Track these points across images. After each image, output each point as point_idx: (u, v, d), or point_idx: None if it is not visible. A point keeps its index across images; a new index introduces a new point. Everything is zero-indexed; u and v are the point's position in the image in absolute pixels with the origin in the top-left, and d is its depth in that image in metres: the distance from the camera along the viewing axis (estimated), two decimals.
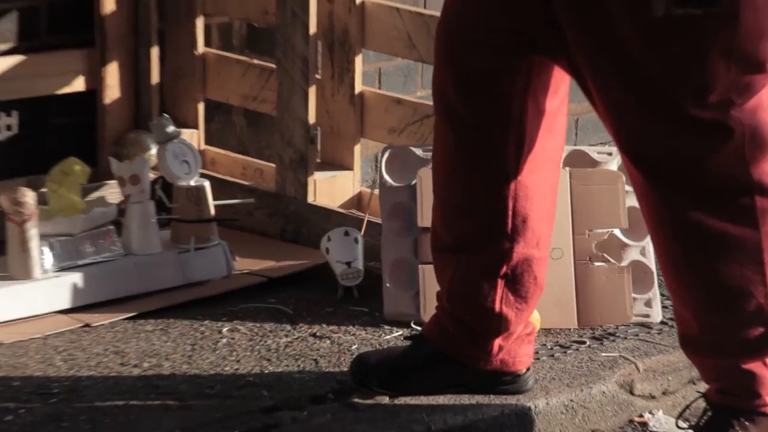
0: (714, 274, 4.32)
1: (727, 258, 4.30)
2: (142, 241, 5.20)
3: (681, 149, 4.22)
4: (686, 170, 4.25)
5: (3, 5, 5.45)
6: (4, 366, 4.71)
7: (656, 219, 4.36)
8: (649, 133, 4.24)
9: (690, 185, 4.27)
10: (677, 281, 4.41)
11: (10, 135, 5.55)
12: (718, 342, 4.40)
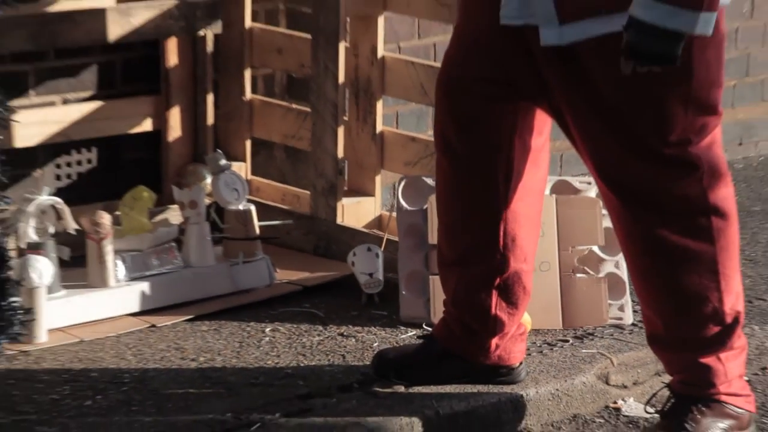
0: (677, 283, 4.35)
1: (687, 269, 4.33)
2: (199, 255, 5.23)
3: (649, 178, 4.26)
4: (654, 195, 4.29)
5: (85, 60, 5.49)
6: (84, 359, 4.74)
7: (628, 236, 4.40)
8: (622, 164, 4.27)
9: (657, 208, 4.30)
10: (646, 289, 4.44)
11: (90, 167, 5.57)
12: (680, 340, 4.42)
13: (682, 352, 4.46)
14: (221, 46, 5.73)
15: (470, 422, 4.57)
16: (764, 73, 6.86)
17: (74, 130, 5.48)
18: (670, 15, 3.98)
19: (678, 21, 3.98)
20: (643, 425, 4.65)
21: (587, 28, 4.19)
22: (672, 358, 4.52)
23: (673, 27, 3.98)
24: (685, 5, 3.97)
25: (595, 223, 5.09)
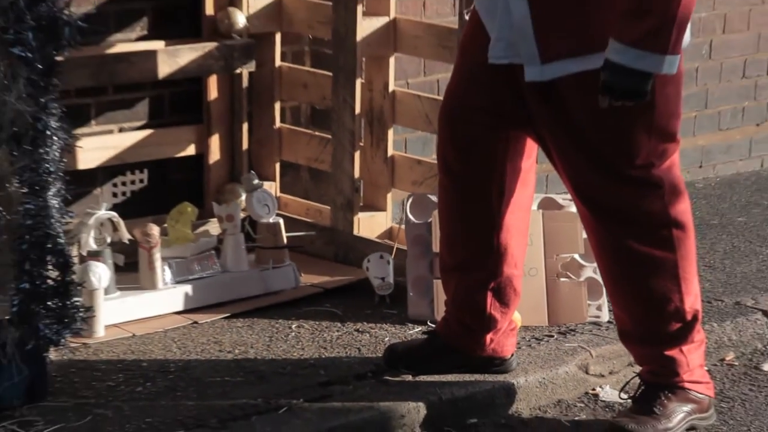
0: (643, 286, 4.37)
1: (652, 274, 4.35)
2: (235, 262, 5.23)
3: (618, 196, 4.29)
4: (622, 211, 4.31)
5: (138, 94, 5.50)
6: (136, 351, 4.76)
7: (600, 246, 4.43)
8: (595, 184, 4.30)
9: (625, 221, 4.33)
10: (616, 291, 4.46)
11: (142, 186, 5.58)
12: (647, 335, 4.44)
13: (650, 345, 4.48)
14: (255, 82, 5.71)
15: (468, 406, 4.56)
16: (720, 106, 6.85)
17: (128, 154, 5.49)
18: (640, 58, 4.03)
19: (646, 63, 4.03)
20: (617, 409, 4.65)
21: (564, 66, 4.22)
22: (641, 351, 4.53)
23: (642, 68, 4.03)
24: (652, 50, 4.02)
25: (576, 235, 5.07)
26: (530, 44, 4.22)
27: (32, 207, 4.14)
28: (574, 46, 4.21)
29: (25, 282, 4.17)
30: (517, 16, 4.23)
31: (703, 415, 4.52)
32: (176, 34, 5.53)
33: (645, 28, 4.03)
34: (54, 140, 4.14)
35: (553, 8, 4.20)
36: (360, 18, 5.39)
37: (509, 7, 4.24)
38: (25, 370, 4.25)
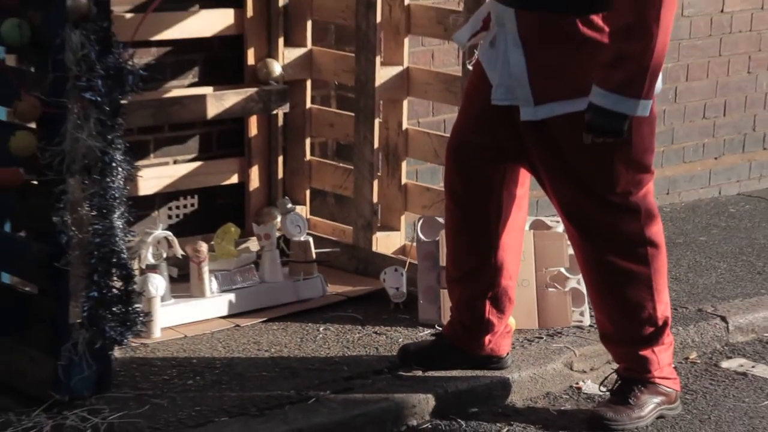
0: (622, 295, 4.38)
1: (630, 285, 4.37)
2: (271, 274, 5.21)
3: (601, 219, 4.31)
4: (604, 231, 4.33)
5: (190, 132, 5.50)
6: (187, 350, 4.75)
7: (585, 260, 4.44)
8: (581, 209, 4.33)
9: (607, 240, 4.35)
10: (598, 299, 4.47)
11: (193, 209, 5.57)
12: (624, 337, 4.45)
13: (626, 346, 4.48)
14: (289, 122, 5.71)
15: (470, 398, 4.56)
16: (684, 143, 6.84)
17: (181, 182, 5.48)
18: (618, 102, 4.05)
19: (623, 106, 4.05)
20: (597, 400, 4.63)
21: (554, 108, 4.24)
22: (618, 350, 4.53)
23: (620, 110, 4.06)
24: (628, 95, 4.04)
25: (562, 251, 5.06)
26: (525, 89, 4.25)
27: (100, 227, 4.14)
28: (562, 91, 4.23)
29: (94, 291, 4.17)
30: (514, 65, 4.26)
31: (670, 406, 4.52)
32: (222, 81, 5.53)
33: (622, 76, 4.05)
34: (119, 171, 4.15)
35: (545, 59, 4.23)
36: (378, 67, 5.39)
37: (508, 59, 4.27)
38: (93, 366, 4.25)
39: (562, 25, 4.19)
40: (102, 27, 4.06)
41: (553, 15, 4.18)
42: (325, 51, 5.67)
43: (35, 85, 4.09)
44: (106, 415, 4.15)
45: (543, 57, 4.23)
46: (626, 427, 4.41)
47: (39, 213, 4.17)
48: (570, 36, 4.18)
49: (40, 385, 4.24)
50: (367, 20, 5.35)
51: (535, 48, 4.23)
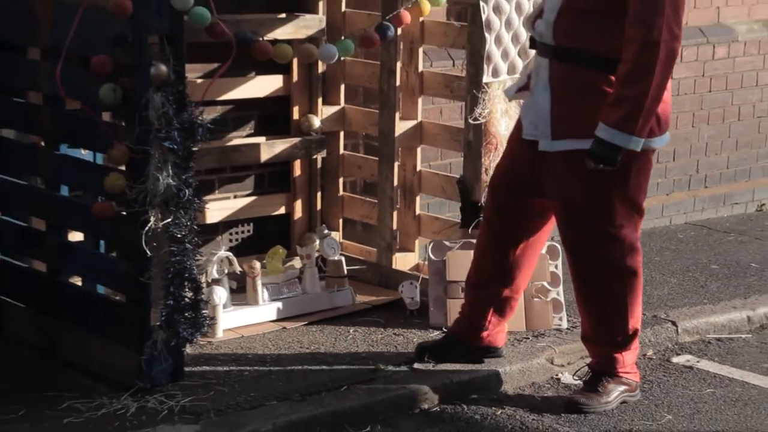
0: (602, 307, 4.44)
1: (609, 301, 4.40)
2: (311, 286, 5.19)
3: (593, 245, 4.31)
4: (595, 256, 4.35)
5: (247, 172, 5.51)
6: (244, 347, 4.74)
7: (576, 277, 4.47)
8: (580, 236, 4.34)
9: (595, 264, 4.36)
10: (583, 308, 4.50)
11: (249, 234, 5.57)
12: (601, 340, 4.48)
13: (601, 347, 4.50)
14: (325, 164, 5.70)
15: (470, 387, 4.56)
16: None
17: (240, 213, 5.48)
18: (615, 135, 4.06)
19: (619, 139, 4.05)
20: (573, 388, 4.62)
21: (568, 144, 4.23)
22: (594, 349, 4.54)
23: (615, 142, 4.06)
24: (623, 130, 4.04)
25: (545, 269, 5.03)
26: (546, 125, 4.25)
27: (175, 249, 4.16)
28: (577, 131, 4.20)
29: (170, 299, 4.18)
30: (541, 104, 4.26)
31: (631, 394, 4.51)
32: (273, 132, 5.52)
33: (620, 114, 4.05)
34: (190, 204, 4.17)
35: (567, 103, 4.22)
36: (397, 121, 5.38)
37: (538, 99, 4.27)
38: (169, 360, 4.26)
39: (586, 78, 4.18)
40: (178, 90, 4.09)
41: (580, 68, 4.18)
42: (354, 108, 5.67)
43: (125, 135, 4.11)
44: (180, 399, 4.17)
45: (566, 101, 4.22)
46: (596, 410, 4.41)
47: (127, 238, 4.19)
48: (591, 87, 4.17)
49: (127, 375, 4.25)
50: (389, 84, 5.36)
51: (561, 93, 4.22)
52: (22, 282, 4.73)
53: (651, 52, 3.99)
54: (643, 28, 4.00)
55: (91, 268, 4.53)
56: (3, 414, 4.04)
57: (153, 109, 4.04)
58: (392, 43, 5.20)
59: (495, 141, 5.02)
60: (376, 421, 4.25)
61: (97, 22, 4.06)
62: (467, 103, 5.05)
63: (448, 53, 5.86)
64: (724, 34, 6.94)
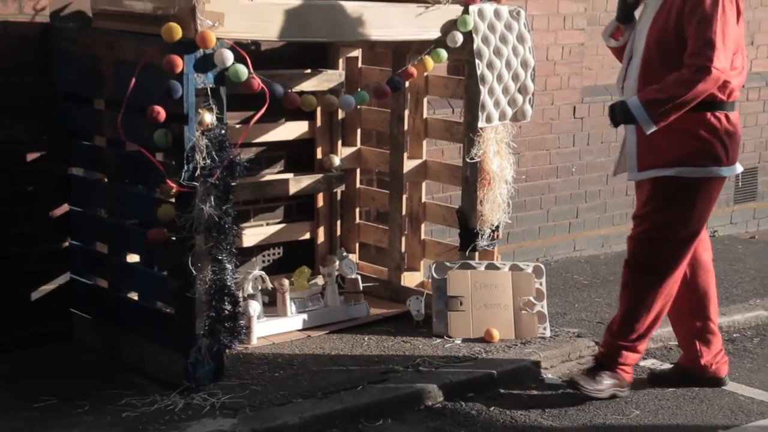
0: (632, 303, 4.45)
1: (642, 303, 4.43)
2: (332, 300, 5.17)
3: (652, 253, 4.40)
4: (647, 264, 4.39)
5: (278, 203, 5.51)
6: (275, 352, 4.73)
7: (624, 275, 4.50)
8: (645, 244, 4.41)
9: (644, 270, 4.41)
10: (621, 301, 4.51)
11: (279, 256, 5.55)
12: (618, 331, 4.49)
13: (617, 339, 4.49)
14: (344, 197, 5.72)
15: (468, 386, 4.54)
16: (613, 212, 6.83)
17: (271, 237, 5.48)
18: (638, 108, 4.16)
19: (637, 112, 4.16)
20: (558, 387, 4.60)
21: (649, 173, 4.30)
22: (609, 340, 4.53)
23: (634, 113, 4.17)
24: (647, 110, 4.13)
25: (531, 286, 5.03)
26: (633, 160, 4.34)
27: (216, 268, 4.17)
28: (657, 162, 4.27)
29: (212, 312, 4.19)
30: (629, 145, 4.35)
31: (621, 389, 4.52)
32: (299, 169, 5.54)
33: (652, 97, 4.13)
34: (230, 230, 4.18)
35: (649, 141, 4.24)
36: (405, 160, 5.39)
37: (626, 142, 4.39)
38: (211, 363, 4.27)
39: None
40: (220, 134, 4.12)
41: None
42: (369, 149, 5.69)
43: (175, 173, 4.12)
44: (220, 396, 4.17)
45: (648, 140, 4.25)
46: (589, 393, 4.44)
47: (176, 259, 4.21)
48: (671, 127, 4.19)
49: (175, 376, 4.26)
50: (398, 128, 5.38)
51: (642, 132, 4.24)
52: (88, 297, 4.74)
53: (699, 73, 4.07)
54: (697, 58, 4.08)
55: (146, 285, 4.55)
56: (71, 409, 4.06)
57: (198, 150, 4.07)
58: (401, 94, 5.23)
59: (488, 177, 5.03)
60: (387, 415, 4.24)
61: (152, 78, 4.08)
62: (465, 145, 5.06)
63: (448, 102, 5.88)
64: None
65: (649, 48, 4.27)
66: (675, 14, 4.19)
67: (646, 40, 4.28)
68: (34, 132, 4.60)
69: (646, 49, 4.28)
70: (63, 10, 4.66)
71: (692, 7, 4.14)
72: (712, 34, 4.07)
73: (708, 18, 4.10)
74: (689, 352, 4.64)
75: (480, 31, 4.87)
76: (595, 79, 6.57)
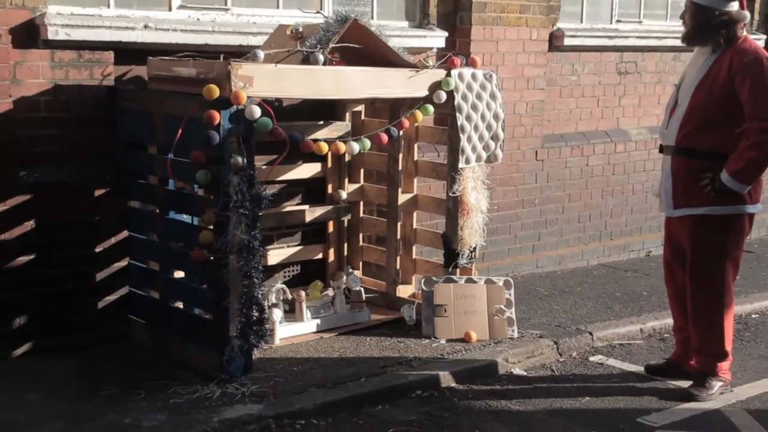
0: (708, 311, 4.32)
1: (715, 309, 4.31)
2: (340, 308, 5.13)
3: (698, 281, 4.31)
4: (697, 289, 4.30)
5: (296, 229, 5.46)
6: (294, 351, 4.66)
7: (690, 296, 4.37)
8: (692, 281, 4.32)
9: (700, 293, 4.31)
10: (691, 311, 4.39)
11: (297, 272, 5.52)
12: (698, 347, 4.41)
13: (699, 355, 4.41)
14: (350, 224, 5.68)
15: (450, 378, 4.45)
16: (568, 236, 6.83)
17: (291, 257, 5.44)
18: (729, 180, 4.07)
19: (731, 183, 4.08)
20: (525, 380, 4.53)
21: (684, 211, 4.19)
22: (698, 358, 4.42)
23: (728, 185, 4.08)
24: (736, 179, 4.05)
25: (502, 295, 4.99)
26: (670, 199, 4.24)
27: (246, 282, 4.16)
28: (690, 202, 4.19)
29: (243, 318, 4.17)
30: (666, 186, 4.26)
31: (725, 388, 4.42)
32: (314, 202, 5.51)
33: (736, 167, 4.05)
34: (257, 251, 4.17)
35: (683, 183, 4.19)
36: (400, 194, 5.37)
37: (663, 183, 4.28)
38: (242, 359, 4.24)
39: (696, 166, 4.16)
40: (249, 173, 4.11)
41: (693, 161, 4.17)
42: (371, 185, 5.66)
43: (213, 205, 4.13)
44: (249, 386, 4.14)
45: (682, 182, 4.20)
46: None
47: (213, 275, 4.19)
48: (700, 172, 4.15)
49: (213, 370, 4.23)
50: (394, 168, 5.36)
51: (678, 176, 4.21)
52: (143, 305, 4.72)
53: (764, 134, 3.97)
54: (758, 121, 3.98)
55: (189, 296, 4.53)
56: (130, 396, 4.04)
57: (232, 187, 4.06)
58: (396, 141, 5.21)
59: (467, 208, 5.02)
60: (386, 402, 4.21)
61: (195, 128, 4.09)
62: (448, 182, 5.05)
63: (435, 147, 5.88)
64: (622, 135, 6.96)
65: (693, 108, 4.12)
66: (721, 83, 4.06)
67: (691, 101, 4.13)
68: (101, 172, 4.61)
69: (690, 108, 4.13)
70: (124, 76, 4.68)
71: (743, 77, 3.99)
72: (765, 94, 3.95)
73: (759, 83, 3.97)
74: (681, 350, 4.57)
75: (460, 90, 4.88)
76: (552, 129, 6.57)
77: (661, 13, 7.11)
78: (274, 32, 4.78)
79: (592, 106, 6.76)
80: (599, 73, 6.72)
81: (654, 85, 7.07)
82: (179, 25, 4.70)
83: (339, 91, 4.52)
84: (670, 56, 7.09)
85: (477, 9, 5.83)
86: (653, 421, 4.11)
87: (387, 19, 5.69)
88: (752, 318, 5.72)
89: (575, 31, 6.44)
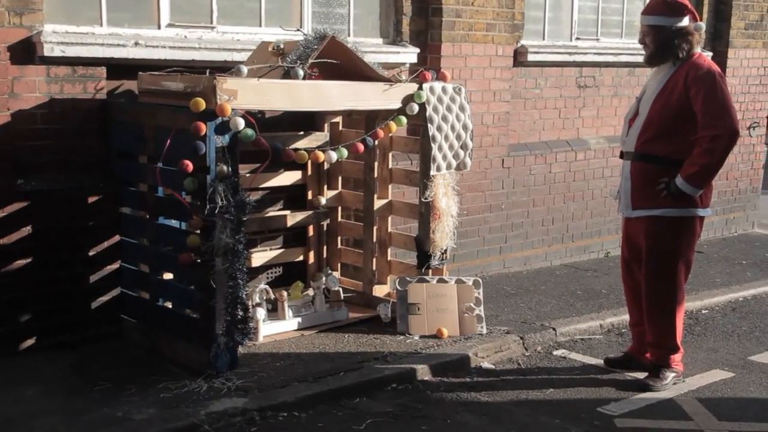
0: (662, 306, 4.32)
1: (668, 306, 4.32)
2: (320, 307, 5.12)
3: (650, 278, 4.31)
4: (650, 289, 4.31)
5: (279, 233, 5.45)
6: (276, 347, 4.65)
7: (646, 290, 4.36)
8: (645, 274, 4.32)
9: (652, 292, 4.32)
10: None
11: (279, 274, 5.50)
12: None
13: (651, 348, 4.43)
14: (329, 228, 5.68)
15: (424, 372, 4.45)
16: (533, 238, 6.87)
17: (274, 260, 5.43)
18: (683, 184, 4.07)
19: (685, 187, 4.07)
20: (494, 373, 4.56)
21: (642, 212, 4.20)
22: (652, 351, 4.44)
23: (682, 189, 4.08)
24: (689, 183, 4.04)
25: (471, 294, 5.00)
26: (628, 200, 4.24)
27: (231, 283, 4.15)
28: (647, 203, 4.19)
29: (228, 316, 4.17)
30: (625, 189, 4.26)
31: (678, 378, 4.47)
32: (295, 208, 5.50)
33: (689, 172, 4.05)
34: (241, 254, 4.17)
35: (641, 186, 4.19)
36: (375, 200, 5.37)
37: (623, 186, 4.27)
38: (228, 355, 4.24)
39: (653, 171, 4.17)
40: (234, 181, 4.11)
41: (650, 165, 4.17)
42: (348, 192, 5.66)
43: (200, 211, 4.12)
44: (235, 381, 4.14)
45: (640, 185, 4.20)
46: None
47: (200, 276, 4.19)
48: (656, 177, 4.16)
49: (201, 366, 4.23)
50: (370, 176, 5.37)
51: (636, 180, 4.21)
52: (135, 305, 4.71)
53: (715, 142, 3.99)
54: (709, 129, 4.00)
55: (178, 296, 4.52)
56: (122, 390, 4.03)
57: (218, 193, 4.07)
58: (372, 150, 5.23)
59: (438, 212, 5.04)
60: (363, 394, 4.21)
61: (183, 139, 4.09)
62: (420, 188, 5.07)
63: (408, 156, 5.90)
64: (582, 144, 7.02)
65: (651, 118, 4.15)
66: (677, 95, 4.08)
67: (650, 111, 4.16)
68: (95, 180, 4.60)
69: (648, 117, 4.16)
70: (116, 90, 4.67)
71: (697, 89, 4.03)
72: (716, 106, 3.98)
73: (711, 95, 3.99)
74: (638, 344, 4.59)
75: (431, 102, 4.91)
76: (518, 138, 6.62)
77: (616, 31, 7.19)
78: (257, 49, 4.79)
79: (554, 117, 6.81)
80: (560, 86, 6.78)
81: (611, 98, 7.13)
82: (168, 43, 4.71)
83: (318, 104, 4.54)
84: (625, 71, 7.16)
85: (447, 27, 5.87)
86: (612, 410, 4.15)
87: (363, 36, 5.71)
88: (702, 314, 5.79)
89: (538, 47, 6.50)
